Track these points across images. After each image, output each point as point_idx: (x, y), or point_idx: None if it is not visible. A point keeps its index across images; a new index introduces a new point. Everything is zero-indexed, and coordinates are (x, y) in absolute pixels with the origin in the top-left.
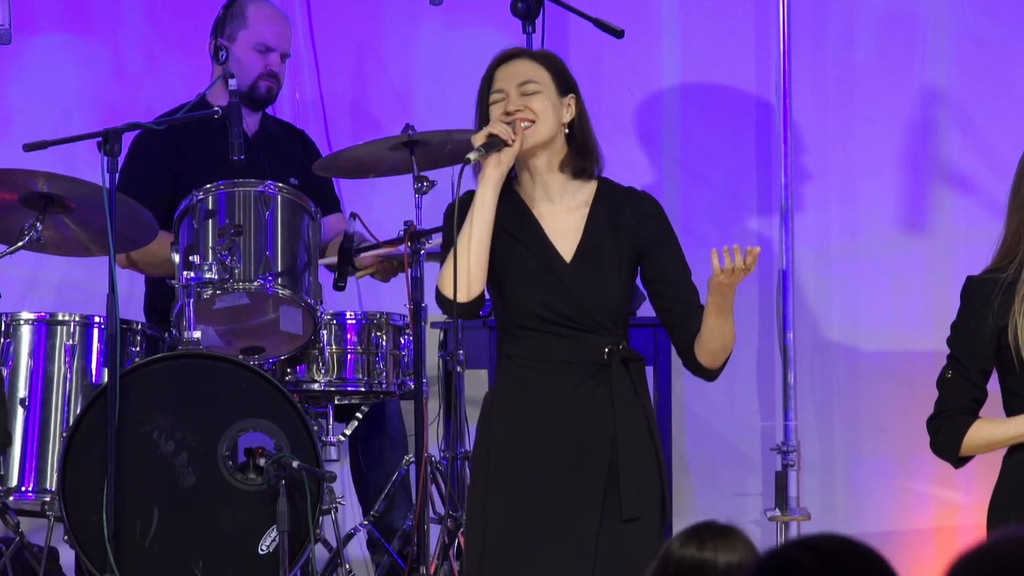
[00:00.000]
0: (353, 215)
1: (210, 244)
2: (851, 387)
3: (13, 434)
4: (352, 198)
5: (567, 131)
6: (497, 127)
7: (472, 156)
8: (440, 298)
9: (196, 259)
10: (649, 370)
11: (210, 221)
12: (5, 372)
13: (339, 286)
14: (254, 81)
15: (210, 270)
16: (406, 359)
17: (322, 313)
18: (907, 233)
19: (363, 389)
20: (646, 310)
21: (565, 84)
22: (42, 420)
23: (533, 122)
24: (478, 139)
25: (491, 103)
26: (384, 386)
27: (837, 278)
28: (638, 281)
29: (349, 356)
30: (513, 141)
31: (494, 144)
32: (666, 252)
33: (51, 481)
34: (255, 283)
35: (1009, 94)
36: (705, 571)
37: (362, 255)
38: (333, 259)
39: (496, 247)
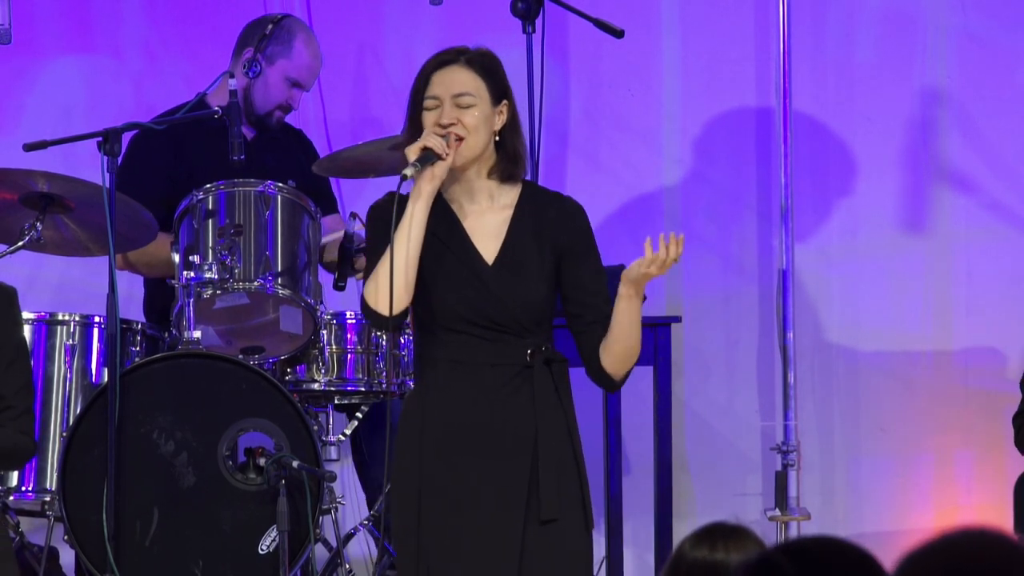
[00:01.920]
0: (353, 215)
1: (210, 244)
2: (851, 387)
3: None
4: (352, 198)
5: (497, 138)
6: (431, 140)
7: (408, 172)
8: (368, 310)
9: (196, 259)
10: (649, 370)
11: (210, 221)
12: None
13: (339, 286)
14: (272, 110)
15: (210, 270)
16: (406, 359)
17: (322, 313)
18: (907, 233)
19: (363, 389)
20: (645, 310)
21: (499, 91)
22: (42, 420)
23: (462, 138)
24: (412, 152)
25: (425, 108)
26: (384, 386)
27: (837, 278)
28: None
29: (349, 356)
30: (447, 155)
31: (428, 158)
32: (583, 262)
33: (51, 481)
34: (255, 283)
35: (1009, 94)
36: (717, 572)
37: (362, 255)
38: (333, 257)
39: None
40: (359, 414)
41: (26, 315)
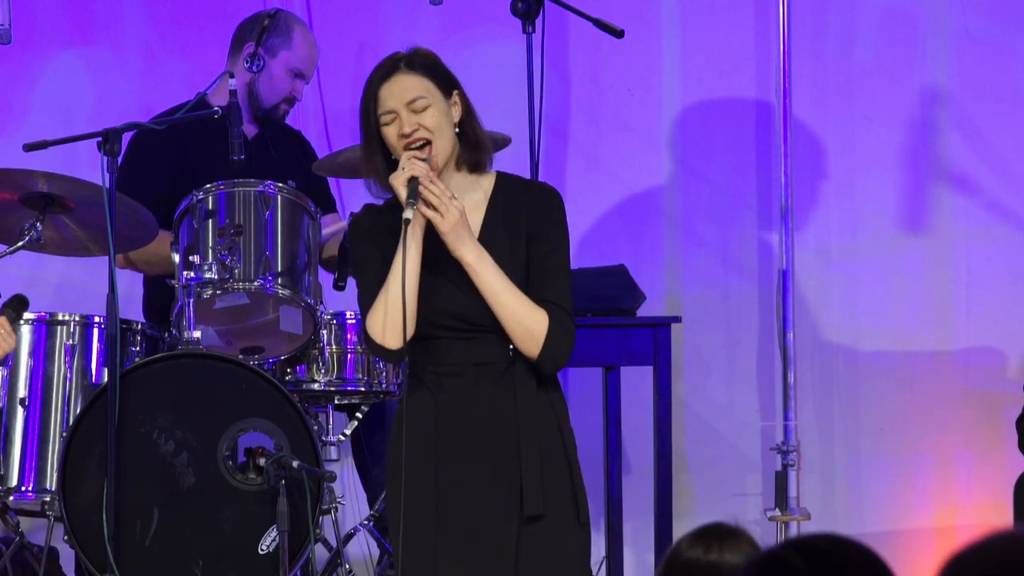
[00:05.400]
0: (353, 215)
1: (210, 244)
2: (851, 387)
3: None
4: (352, 198)
5: (457, 130)
6: (417, 169)
7: (409, 215)
8: (373, 345)
9: (196, 259)
10: (649, 370)
11: (210, 221)
12: (4, 372)
13: (339, 286)
14: (278, 103)
15: (210, 270)
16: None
17: (322, 313)
18: (907, 233)
19: (363, 389)
20: (645, 310)
21: (447, 83)
22: (42, 420)
23: (429, 141)
24: (399, 184)
25: (382, 124)
26: (384, 386)
27: (837, 278)
28: (639, 281)
29: (349, 356)
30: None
31: (416, 187)
32: (536, 243)
33: (51, 481)
34: (255, 283)
35: (1009, 94)
36: (711, 573)
37: None
38: (333, 252)
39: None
40: (359, 414)
41: (26, 315)
